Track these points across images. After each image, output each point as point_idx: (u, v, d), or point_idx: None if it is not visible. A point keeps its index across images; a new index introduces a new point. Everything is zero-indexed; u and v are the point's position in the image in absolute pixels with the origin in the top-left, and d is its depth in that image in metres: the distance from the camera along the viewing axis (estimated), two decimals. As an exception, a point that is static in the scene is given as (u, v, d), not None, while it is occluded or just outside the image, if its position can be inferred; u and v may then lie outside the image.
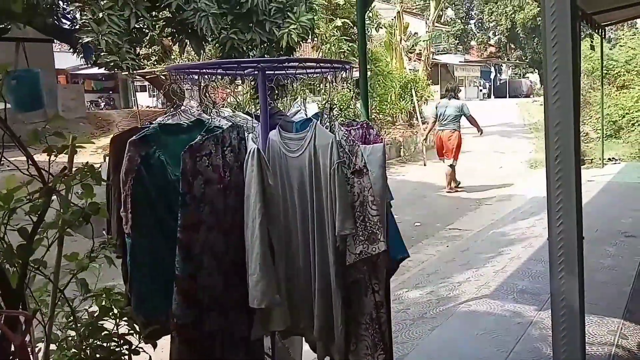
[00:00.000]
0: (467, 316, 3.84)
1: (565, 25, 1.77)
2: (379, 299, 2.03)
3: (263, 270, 1.84)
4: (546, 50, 1.78)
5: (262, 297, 1.84)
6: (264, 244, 1.86)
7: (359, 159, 1.96)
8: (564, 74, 1.79)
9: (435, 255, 6.11)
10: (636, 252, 5.04)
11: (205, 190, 1.94)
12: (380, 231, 1.97)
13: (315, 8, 8.85)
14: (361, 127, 2.46)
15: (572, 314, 1.94)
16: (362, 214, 1.96)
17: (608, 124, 13.40)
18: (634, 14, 12.29)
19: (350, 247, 1.94)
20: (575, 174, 1.88)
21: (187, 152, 1.86)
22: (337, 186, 1.88)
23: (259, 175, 1.85)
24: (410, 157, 14.60)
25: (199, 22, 6.92)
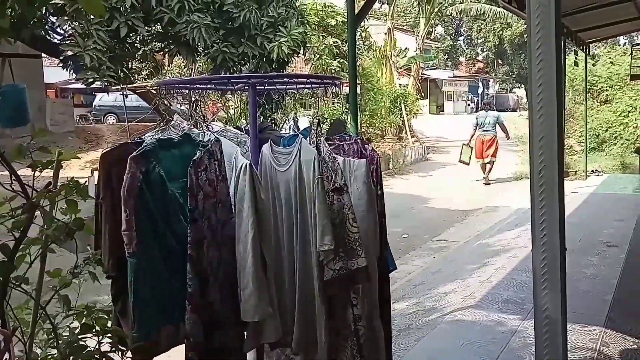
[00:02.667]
0: (453, 326, 3.89)
1: (549, 42, 1.85)
2: (357, 313, 2.07)
3: (256, 284, 1.85)
4: (531, 66, 1.85)
5: (255, 310, 1.85)
6: (257, 258, 1.87)
7: (339, 176, 2.00)
8: (548, 89, 1.86)
9: (422, 266, 6.18)
10: (617, 261, 5.16)
11: (204, 205, 1.95)
12: (360, 247, 2.01)
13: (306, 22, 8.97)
14: (356, 142, 2.50)
15: (554, 324, 1.97)
16: (342, 231, 1.99)
17: (591, 137, 13.67)
18: (616, 32, 12.61)
19: (329, 263, 1.97)
20: (559, 187, 1.93)
21: (192, 167, 1.88)
22: (317, 201, 1.92)
23: (252, 189, 1.88)
24: (398, 170, 14.72)
25: (192, 33, 6.98)
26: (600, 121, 14.07)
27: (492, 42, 40.96)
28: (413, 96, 19.05)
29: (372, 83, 15.48)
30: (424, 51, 24.56)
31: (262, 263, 1.89)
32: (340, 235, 2.00)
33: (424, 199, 10.71)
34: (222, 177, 2.07)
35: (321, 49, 11.23)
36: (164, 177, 1.97)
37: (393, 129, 17.69)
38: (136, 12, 6.47)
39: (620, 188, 9.72)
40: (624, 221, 6.80)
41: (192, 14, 6.89)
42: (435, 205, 10.18)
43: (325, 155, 2.12)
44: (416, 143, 17.74)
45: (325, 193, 1.96)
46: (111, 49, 6.65)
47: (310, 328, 2.03)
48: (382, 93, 16.44)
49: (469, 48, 45.84)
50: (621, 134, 13.61)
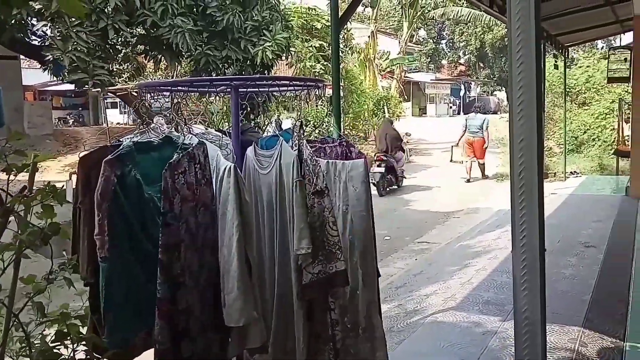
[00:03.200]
0: (434, 329, 3.92)
1: (530, 46, 1.87)
2: (334, 317, 2.07)
3: (241, 288, 1.83)
4: (512, 69, 1.87)
5: (241, 314, 1.83)
6: (242, 261, 1.86)
7: (320, 179, 2.00)
8: (529, 92, 1.89)
9: (404, 268, 6.21)
10: (595, 262, 5.24)
11: (182, 209, 1.94)
12: (339, 251, 2.01)
13: (291, 27, 8.98)
14: (340, 144, 2.51)
15: (533, 325, 1.99)
16: (321, 235, 1.99)
17: (570, 139, 13.90)
18: (594, 36, 12.86)
19: (308, 267, 1.97)
20: (538, 189, 1.96)
21: (167, 170, 1.86)
22: (295, 204, 1.92)
23: (236, 192, 1.87)
24: (381, 172, 14.77)
25: (175, 37, 6.95)
26: (578, 123, 14.32)
27: (473, 45, 41.39)
28: (396, 99, 19.20)
29: (355, 85, 15.56)
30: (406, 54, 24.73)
31: (247, 266, 1.87)
32: (320, 238, 2.00)
33: (406, 201, 10.79)
34: (205, 181, 2.05)
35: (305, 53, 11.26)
36: (140, 181, 1.95)
37: (376, 132, 17.81)
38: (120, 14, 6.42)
39: (598, 189, 9.90)
40: (602, 222, 6.92)
41: (176, 18, 6.87)
42: (417, 207, 10.25)
43: (307, 158, 2.12)
44: (399, 145, 17.84)
45: (305, 196, 1.96)
46: (91, 51, 6.58)
47: (289, 333, 2.02)
48: (366, 95, 16.53)
49: (451, 51, 46.29)
50: (599, 136, 13.87)
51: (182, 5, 6.84)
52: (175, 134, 2.29)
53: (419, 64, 36.54)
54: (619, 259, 5.33)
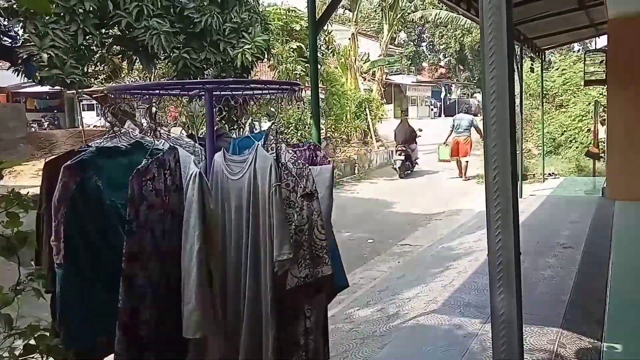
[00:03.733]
0: (416, 332, 3.91)
1: (502, 51, 1.87)
2: (310, 325, 2.03)
3: (199, 299, 1.79)
4: (484, 74, 1.87)
5: (197, 326, 1.78)
6: (202, 272, 1.81)
7: (309, 182, 1.96)
8: (501, 97, 1.88)
9: (387, 271, 6.21)
10: (573, 262, 5.29)
11: (148, 217, 1.89)
12: (327, 255, 1.98)
13: (270, 29, 8.92)
14: (308, 148, 2.49)
15: (510, 326, 1.99)
16: (309, 237, 1.96)
17: (548, 141, 14.08)
18: (570, 39, 13.07)
19: (294, 270, 1.93)
20: (512, 192, 1.95)
21: (134, 177, 1.81)
22: (274, 210, 1.88)
23: (200, 200, 1.82)
24: (364, 175, 14.81)
25: (150, 40, 6.83)
26: (556, 125, 14.51)
27: (453, 48, 41.82)
28: (378, 101, 19.24)
29: (336, 88, 15.56)
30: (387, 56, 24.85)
31: (207, 277, 1.82)
32: (308, 241, 1.97)
33: (389, 204, 10.81)
34: (175, 187, 2.00)
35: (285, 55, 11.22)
36: (101, 188, 1.90)
37: (358, 134, 17.83)
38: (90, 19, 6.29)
39: (575, 190, 10.04)
40: (579, 223, 7.00)
41: (151, 19, 6.74)
42: (400, 209, 10.27)
43: (287, 162, 2.09)
44: (381, 147, 17.90)
45: (283, 200, 1.92)
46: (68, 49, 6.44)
47: (258, 345, 1.97)
48: (347, 98, 16.54)
49: (431, 54, 46.69)
50: (576, 138, 14.07)
51: (158, 7, 6.72)
52: (148, 139, 2.24)
53: (400, 66, 36.78)
54: (596, 259, 5.39)
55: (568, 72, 15.26)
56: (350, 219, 9.22)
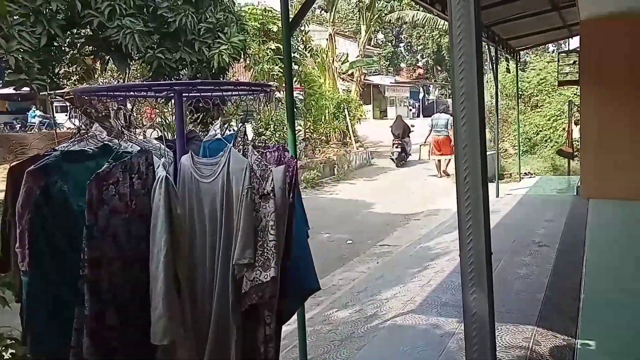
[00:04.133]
0: (394, 333, 3.91)
1: (471, 54, 1.87)
2: (269, 333, 1.99)
3: (166, 304, 1.74)
4: (454, 76, 1.87)
5: (164, 333, 1.74)
6: (169, 277, 1.76)
7: (269, 183, 1.93)
8: (471, 98, 1.88)
9: (366, 272, 6.21)
10: (548, 260, 5.36)
11: (110, 221, 1.83)
12: (273, 257, 1.93)
13: (246, 29, 8.85)
14: (277, 149, 2.46)
15: (482, 326, 2.00)
16: (261, 239, 1.92)
17: (524, 140, 14.28)
18: (545, 40, 13.27)
19: (248, 273, 1.89)
20: (483, 193, 1.95)
21: (92, 181, 1.75)
22: (243, 212, 1.84)
23: (167, 204, 1.77)
24: (343, 176, 14.82)
25: (124, 39, 6.71)
26: (531, 125, 14.72)
27: (431, 49, 42.16)
28: (356, 102, 19.30)
29: (314, 89, 15.55)
30: (366, 57, 24.94)
31: (174, 282, 1.78)
32: (260, 243, 1.93)
33: (368, 204, 10.84)
34: (145, 192, 1.95)
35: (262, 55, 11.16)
36: (67, 192, 1.85)
37: (337, 135, 17.84)
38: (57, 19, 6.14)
39: (551, 189, 10.19)
40: (554, 221, 7.10)
41: (124, 19, 6.62)
42: (379, 209, 10.30)
43: (253, 164, 2.06)
44: (360, 148, 17.94)
45: (252, 205, 1.89)
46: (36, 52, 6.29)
47: (223, 352, 1.93)
48: (326, 98, 16.54)
49: (409, 54, 47.00)
50: (551, 137, 14.30)
51: (130, 6, 6.60)
52: (116, 142, 2.19)
53: (379, 67, 36.95)
54: (571, 257, 5.46)
55: (543, 72, 15.50)
56: (330, 220, 9.22)
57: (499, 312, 4.06)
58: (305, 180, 12.78)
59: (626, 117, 8.03)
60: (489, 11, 7.72)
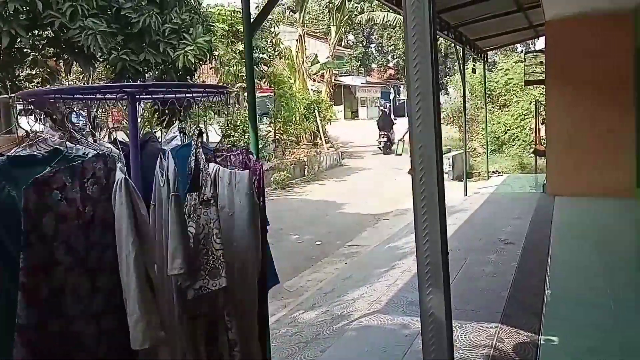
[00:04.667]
0: (359, 333, 3.91)
1: (426, 55, 1.88)
2: (232, 337, 1.97)
3: (142, 308, 1.70)
4: (409, 77, 1.87)
5: (144, 336, 1.69)
6: (141, 279, 1.72)
7: (208, 189, 1.90)
8: (426, 99, 1.89)
9: (334, 273, 6.21)
10: (514, 258, 5.44)
11: (58, 227, 1.77)
12: (222, 266, 1.91)
13: (213, 30, 8.74)
14: (241, 152, 2.43)
15: (439, 326, 2.00)
16: (205, 247, 1.89)
17: (492, 139, 14.53)
18: (511, 40, 13.52)
19: (192, 282, 1.87)
20: (439, 194, 1.96)
21: (30, 186, 1.69)
22: (170, 220, 1.79)
23: (129, 206, 1.73)
24: (314, 176, 14.82)
25: (86, 40, 6.54)
26: (499, 124, 14.99)
27: (401, 49, 42.45)
28: (327, 102, 19.32)
29: (284, 90, 15.51)
30: (336, 58, 24.99)
31: (148, 284, 1.73)
32: (204, 251, 1.90)
33: (338, 205, 10.85)
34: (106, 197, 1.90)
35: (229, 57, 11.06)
36: (16, 198, 1.77)
37: (308, 136, 17.83)
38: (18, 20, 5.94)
39: (518, 187, 10.38)
40: (521, 219, 7.23)
41: (87, 19, 6.45)
42: (349, 210, 10.33)
43: (203, 167, 2.03)
44: (331, 149, 17.97)
45: (181, 212, 1.84)
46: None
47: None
48: (296, 99, 16.51)
49: (380, 55, 47.30)
50: (518, 136, 14.58)
51: (93, 7, 6.44)
52: (69, 145, 2.12)
53: (350, 67, 37.08)
54: (536, 254, 5.56)
55: (510, 72, 15.80)
56: (299, 221, 9.20)
57: (464, 310, 4.14)
58: (275, 181, 12.74)
59: (589, 116, 8.24)
60: (456, 12, 7.83)
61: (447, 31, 8.41)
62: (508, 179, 11.41)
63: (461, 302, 4.30)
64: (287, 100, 15.65)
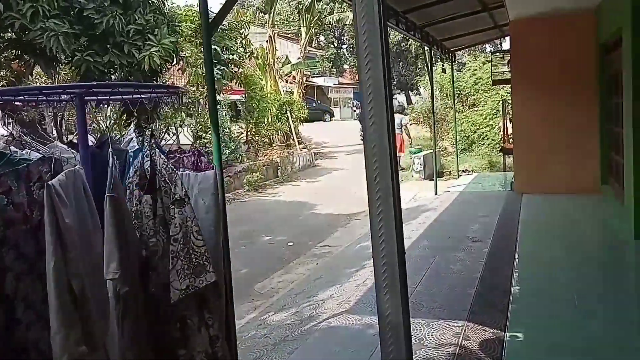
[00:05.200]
0: (327, 334, 3.89)
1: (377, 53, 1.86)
2: (214, 333, 1.94)
3: (60, 320, 1.64)
4: (360, 76, 1.85)
5: (63, 350, 1.64)
6: (61, 290, 1.66)
7: (179, 187, 1.87)
8: (378, 97, 1.87)
9: (305, 274, 6.18)
10: (481, 255, 5.50)
11: (6, 233, 1.73)
12: (208, 262, 1.90)
13: (178, 31, 8.63)
14: (193, 154, 2.39)
15: (397, 328, 1.98)
16: (186, 246, 1.86)
17: (462, 139, 14.71)
18: (478, 40, 13.71)
19: (175, 283, 1.84)
20: (394, 192, 1.94)
21: None
22: (105, 222, 1.75)
23: (51, 213, 1.67)
24: (287, 177, 14.77)
25: (48, 42, 6.38)
26: (469, 124, 15.19)
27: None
28: (299, 103, 19.28)
29: (255, 91, 15.41)
30: (308, 59, 24.98)
31: (69, 296, 1.67)
32: (186, 250, 1.86)
33: (311, 205, 10.83)
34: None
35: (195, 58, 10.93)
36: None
37: (280, 137, 17.77)
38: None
39: (487, 185, 10.52)
40: (489, 217, 7.32)
41: (48, 21, 6.30)
42: (321, 210, 10.31)
43: (162, 168, 1.99)
44: (304, 150, 17.93)
45: (115, 215, 1.79)
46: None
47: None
48: (268, 101, 16.43)
49: (352, 56, 47.47)
50: (487, 135, 14.80)
51: (55, 7, 6.29)
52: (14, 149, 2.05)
53: (322, 68, 37.11)
54: (503, 251, 5.64)
55: (479, 72, 16.03)
56: (271, 223, 9.15)
57: (431, 308, 4.16)
58: (248, 182, 12.65)
59: (554, 114, 8.40)
60: (422, 12, 7.88)
61: (413, 31, 8.46)
62: (477, 178, 11.56)
63: (429, 300, 4.33)
64: (258, 102, 15.57)
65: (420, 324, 3.83)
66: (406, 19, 7.88)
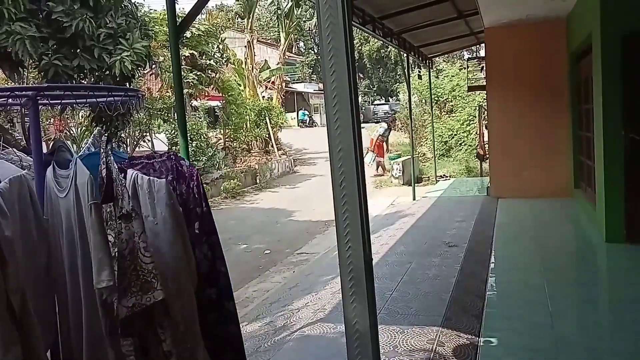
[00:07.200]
0: (300, 343, 3.81)
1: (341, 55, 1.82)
2: (167, 349, 1.85)
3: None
4: (325, 79, 1.81)
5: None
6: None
7: (126, 201, 1.77)
8: (342, 101, 1.83)
9: (281, 282, 6.09)
10: (457, 260, 5.48)
11: None
12: (156, 279, 1.80)
13: (151, 35, 8.49)
14: (169, 158, 2.27)
15: (364, 336, 1.94)
16: (132, 263, 1.76)
17: (440, 144, 14.80)
18: (455, 47, 13.83)
19: (123, 300, 1.74)
20: (360, 198, 1.90)
21: None
22: (91, 231, 1.67)
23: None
24: (266, 184, 14.66)
25: (13, 45, 6.21)
26: (446, 129, 15.30)
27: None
28: (278, 109, 19.21)
29: (233, 97, 15.30)
30: (287, 64, 24.94)
31: (8, 312, 1.57)
32: (132, 267, 1.76)
33: (289, 212, 10.75)
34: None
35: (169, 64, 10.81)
36: None
37: (259, 143, 17.66)
38: None
39: (464, 190, 10.57)
40: (465, 221, 7.33)
41: (14, 24, 6.13)
42: (299, 217, 10.24)
43: (117, 177, 1.89)
44: (283, 156, 17.85)
45: (102, 221, 1.71)
46: None
47: None
48: (246, 106, 16.33)
49: (332, 62, 47.64)
50: (465, 141, 14.93)
51: (21, 10, 6.13)
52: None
53: (302, 74, 37.14)
54: (478, 255, 5.63)
55: (456, 79, 16.17)
56: (249, 230, 9.03)
57: (406, 314, 4.11)
58: (225, 190, 12.50)
59: (527, 120, 8.49)
60: (398, 18, 7.91)
61: (390, 38, 8.48)
62: (454, 183, 11.62)
63: (404, 306, 4.28)
64: (237, 107, 15.45)
65: (395, 330, 3.78)
66: (383, 25, 7.89)
